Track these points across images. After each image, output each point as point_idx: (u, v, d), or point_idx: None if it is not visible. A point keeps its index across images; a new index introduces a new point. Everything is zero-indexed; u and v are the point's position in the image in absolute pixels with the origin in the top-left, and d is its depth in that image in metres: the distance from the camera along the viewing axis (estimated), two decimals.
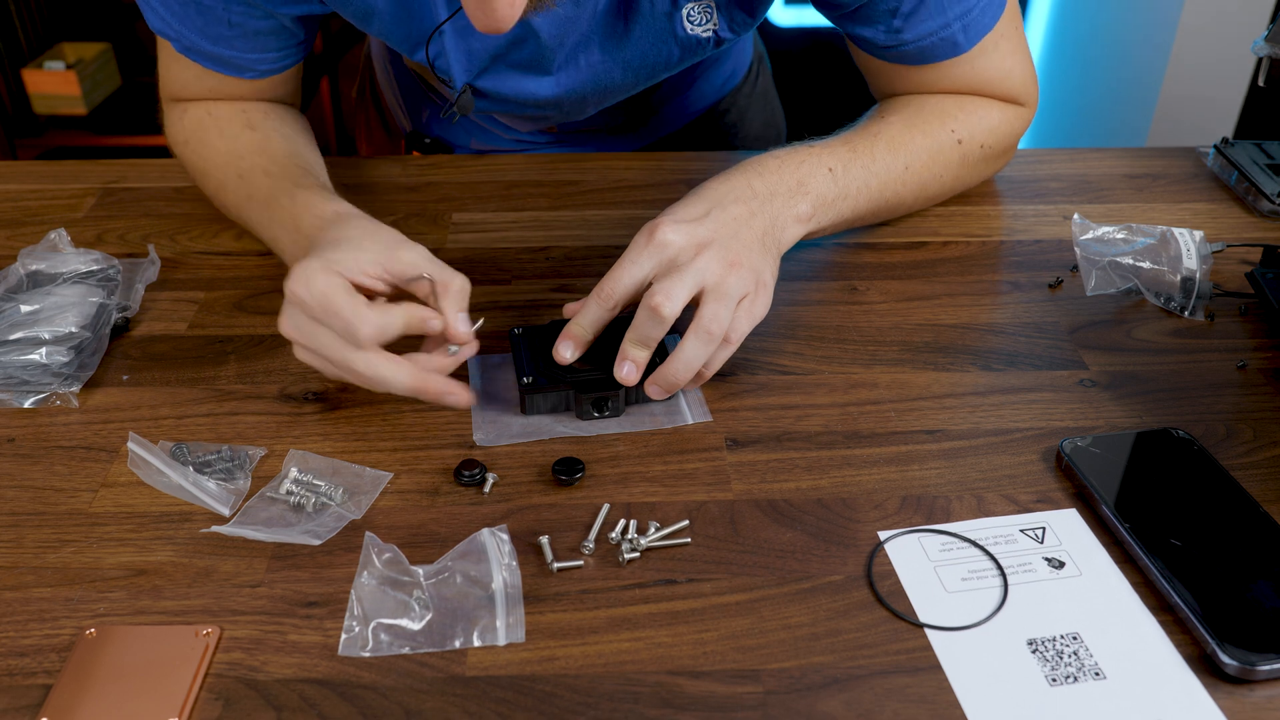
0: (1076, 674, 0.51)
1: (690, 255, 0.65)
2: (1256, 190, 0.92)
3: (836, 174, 0.76)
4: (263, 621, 0.54)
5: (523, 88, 0.84)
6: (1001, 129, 0.86)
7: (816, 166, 0.75)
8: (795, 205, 0.73)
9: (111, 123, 2.41)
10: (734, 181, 0.71)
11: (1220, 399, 0.69)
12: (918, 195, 0.84)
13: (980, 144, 0.85)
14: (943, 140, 0.83)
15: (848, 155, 0.77)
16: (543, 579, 0.56)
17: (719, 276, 0.65)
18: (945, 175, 0.85)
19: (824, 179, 0.75)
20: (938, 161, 0.83)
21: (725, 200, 0.69)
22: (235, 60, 0.81)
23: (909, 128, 0.81)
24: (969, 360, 0.73)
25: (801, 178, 0.74)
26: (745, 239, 0.68)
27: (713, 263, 0.65)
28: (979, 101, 0.85)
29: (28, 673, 0.51)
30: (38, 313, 0.72)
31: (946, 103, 0.84)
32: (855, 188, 0.77)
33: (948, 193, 0.88)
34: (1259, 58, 0.85)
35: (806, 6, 0.89)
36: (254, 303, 0.79)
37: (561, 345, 0.67)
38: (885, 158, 0.79)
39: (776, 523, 0.60)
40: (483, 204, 0.93)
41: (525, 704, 0.50)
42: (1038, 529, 0.59)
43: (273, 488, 0.62)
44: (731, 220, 0.68)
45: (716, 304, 0.65)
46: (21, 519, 0.60)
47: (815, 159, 0.75)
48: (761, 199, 0.71)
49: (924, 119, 0.82)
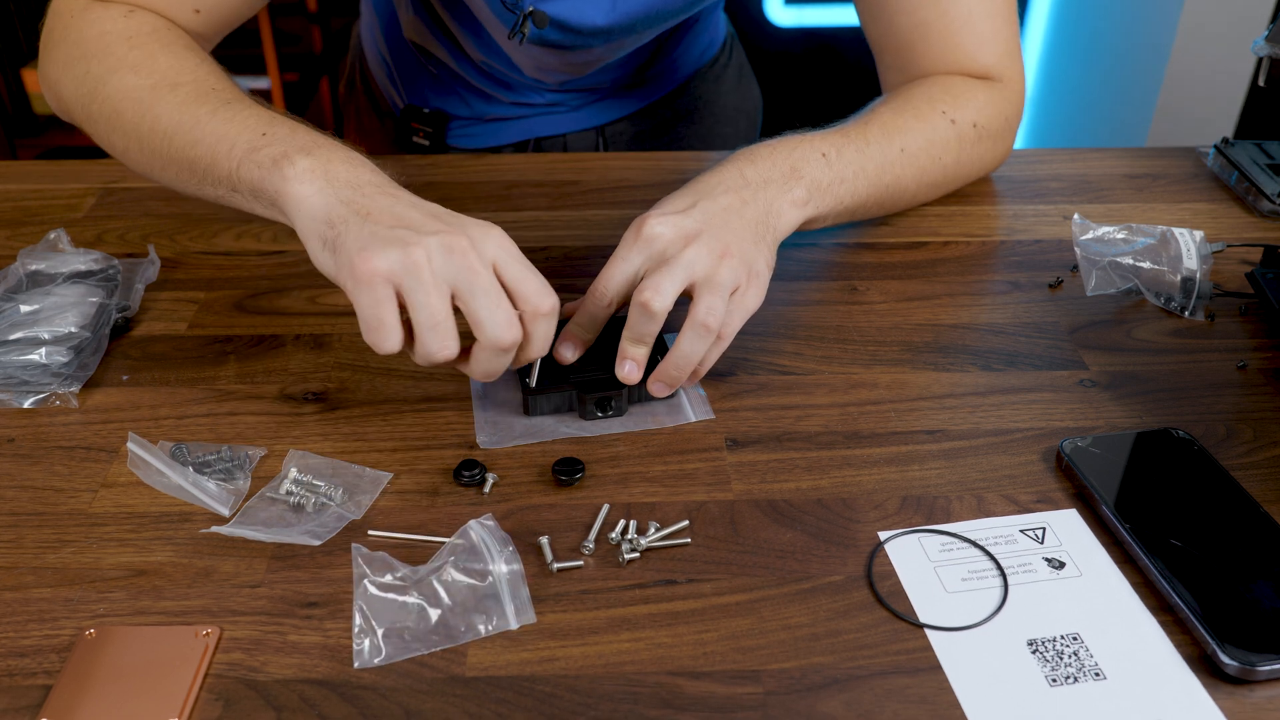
0: (1077, 674, 0.51)
1: (679, 248, 0.65)
2: (1256, 190, 0.92)
3: (830, 158, 0.75)
4: (263, 622, 0.54)
5: (583, 13, 0.86)
6: (990, 108, 0.86)
7: (809, 152, 0.75)
8: (790, 191, 0.72)
9: None
10: (724, 172, 0.71)
11: (1220, 399, 0.69)
12: (919, 180, 0.84)
13: (973, 123, 0.85)
14: (935, 121, 0.83)
15: (840, 140, 0.77)
16: (543, 579, 0.56)
17: (709, 268, 0.64)
18: (945, 157, 0.84)
19: (818, 163, 0.74)
20: (934, 143, 0.83)
21: (714, 191, 0.69)
22: None
23: (899, 113, 0.82)
24: (969, 360, 0.73)
25: (794, 163, 0.73)
26: (736, 228, 0.67)
27: (702, 254, 0.65)
28: (964, 83, 0.86)
29: (28, 673, 0.51)
30: (38, 313, 0.72)
31: (934, 88, 0.85)
32: (851, 171, 0.77)
33: (950, 179, 0.88)
34: (1259, 58, 0.85)
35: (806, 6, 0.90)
36: (254, 303, 0.79)
37: (562, 346, 0.67)
38: (879, 141, 0.79)
39: (776, 523, 0.60)
40: (483, 204, 0.93)
41: (525, 704, 0.50)
42: (1038, 529, 0.59)
43: (273, 488, 0.62)
44: (721, 210, 0.68)
45: (710, 296, 0.64)
46: (21, 519, 0.60)
47: (808, 145, 0.75)
48: (754, 187, 0.70)
49: (913, 104, 0.83)
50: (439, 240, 0.59)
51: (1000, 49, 0.87)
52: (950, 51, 0.86)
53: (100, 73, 0.74)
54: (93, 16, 0.76)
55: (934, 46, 0.86)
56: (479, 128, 1.10)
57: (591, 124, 1.10)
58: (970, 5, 0.84)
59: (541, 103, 1.07)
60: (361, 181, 0.64)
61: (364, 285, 0.58)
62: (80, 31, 0.76)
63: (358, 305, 0.59)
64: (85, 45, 0.76)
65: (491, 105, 1.08)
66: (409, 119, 1.10)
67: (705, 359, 0.66)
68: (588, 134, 1.11)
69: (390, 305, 0.59)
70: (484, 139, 1.11)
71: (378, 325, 0.59)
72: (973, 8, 0.84)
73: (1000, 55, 0.87)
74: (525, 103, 1.07)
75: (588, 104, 1.09)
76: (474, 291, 0.59)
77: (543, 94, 1.06)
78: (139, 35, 0.74)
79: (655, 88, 1.11)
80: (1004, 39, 0.87)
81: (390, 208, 0.62)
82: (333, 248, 0.61)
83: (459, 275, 0.59)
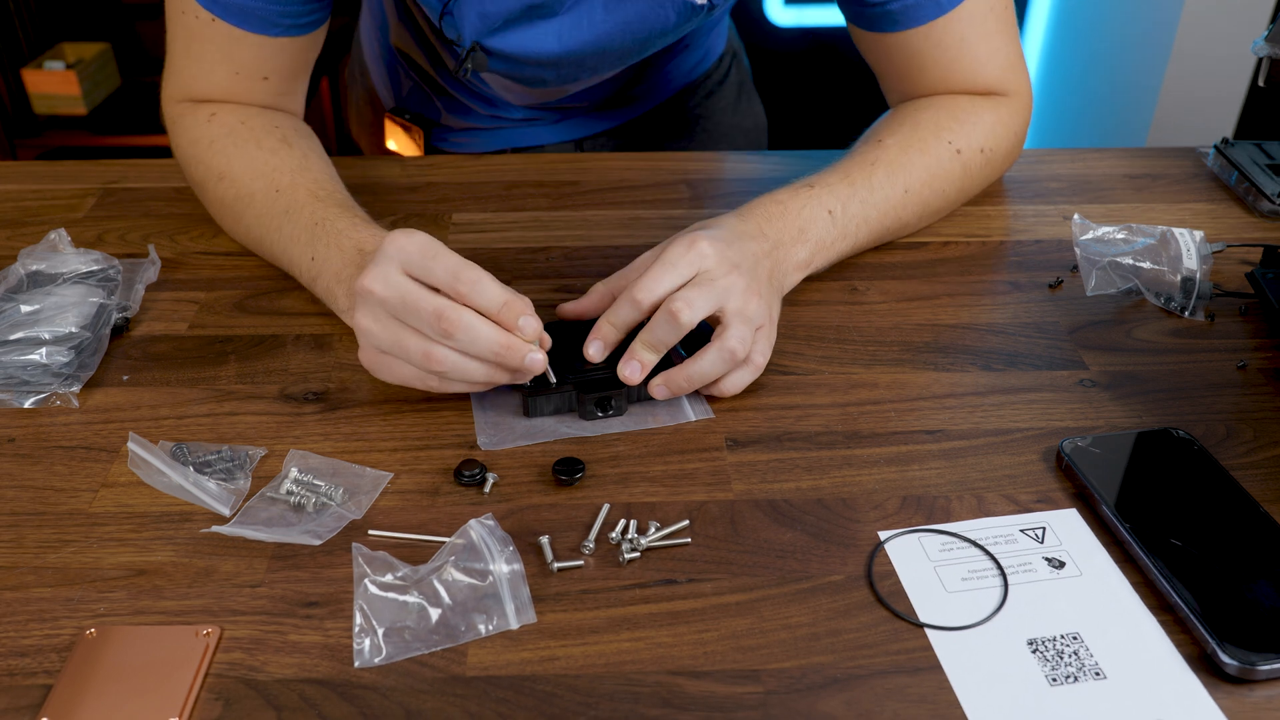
0: (1077, 674, 0.51)
1: (723, 273, 0.67)
2: (1256, 190, 0.92)
3: (836, 215, 0.77)
4: (263, 621, 0.54)
5: (527, 44, 0.86)
6: (998, 130, 0.86)
7: (817, 210, 0.77)
8: (796, 253, 0.75)
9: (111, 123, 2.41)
10: (750, 223, 0.73)
11: (1220, 399, 0.69)
12: (920, 215, 0.84)
13: (979, 149, 0.85)
14: (941, 155, 0.83)
15: (846, 192, 0.78)
16: (543, 579, 0.56)
17: (742, 301, 0.67)
18: (948, 189, 0.85)
19: (824, 223, 0.77)
20: (938, 178, 0.83)
21: (746, 236, 0.71)
22: (259, 11, 0.80)
23: (905, 149, 0.82)
24: (969, 360, 0.73)
25: (802, 225, 0.76)
26: (760, 276, 0.70)
27: (739, 285, 0.67)
28: (970, 106, 0.85)
29: (28, 673, 0.51)
30: (38, 313, 0.73)
31: (940, 115, 0.84)
32: (854, 225, 0.79)
33: (953, 205, 0.88)
34: (1259, 58, 0.85)
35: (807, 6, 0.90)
36: (254, 303, 0.79)
37: (591, 345, 0.68)
38: (884, 186, 0.80)
39: (776, 523, 0.60)
40: (483, 204, 0.93)
41: (525, 704, 0.50)
42: (1038, 529, 0.59)
43: (273, 488, 0.62)
44: (753, 254, 0.70)
45: (741, 326, 0.66)
46: (21, 519, 0.60)
47: (816, 202, 0.77)
48: (771, 243, 0.73)
49: (920, 137, 0.83)
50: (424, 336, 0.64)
51: (1001, 65, 0.86)
52: (950, 74, 0.86)
53: (199, 178, 0.85)
54: (184, 125, 0.86)
55: (932, 73, 0.86)
56: (457, 134, 1.11)
57: (570, 137, 1.11)
58: (963, 31, 0.83)
59: (519, 117, 1.08)
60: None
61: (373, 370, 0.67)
62: (179, 137, 0.87)
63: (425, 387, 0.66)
64: (183, 151, 0.86)
65: (469, 116, 1.08)
66: (394, 117, 1.11)
67: (735, 382, 0.68)
68: (565, 146, 1.11)
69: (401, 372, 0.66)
70: (463, 147, 1.11)
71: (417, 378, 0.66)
72: (965, 33, 0.83)
73: (1003, 71, 0.86)
74: (503, 116, 1.08)
75: (566, 118, 1.09)
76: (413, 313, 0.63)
77: (519, 109, 1.07)
78: (218, 139, 0.84)
79: (640, 103, 1.11)
80: (1003, 55, 0.86)
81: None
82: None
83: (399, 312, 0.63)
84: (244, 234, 0.83)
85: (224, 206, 0.83)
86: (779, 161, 1.00)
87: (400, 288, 0.62)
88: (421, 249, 0.63)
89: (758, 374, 0.69)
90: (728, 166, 1.01)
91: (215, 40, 0.82)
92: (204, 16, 0.81)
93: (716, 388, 0.68)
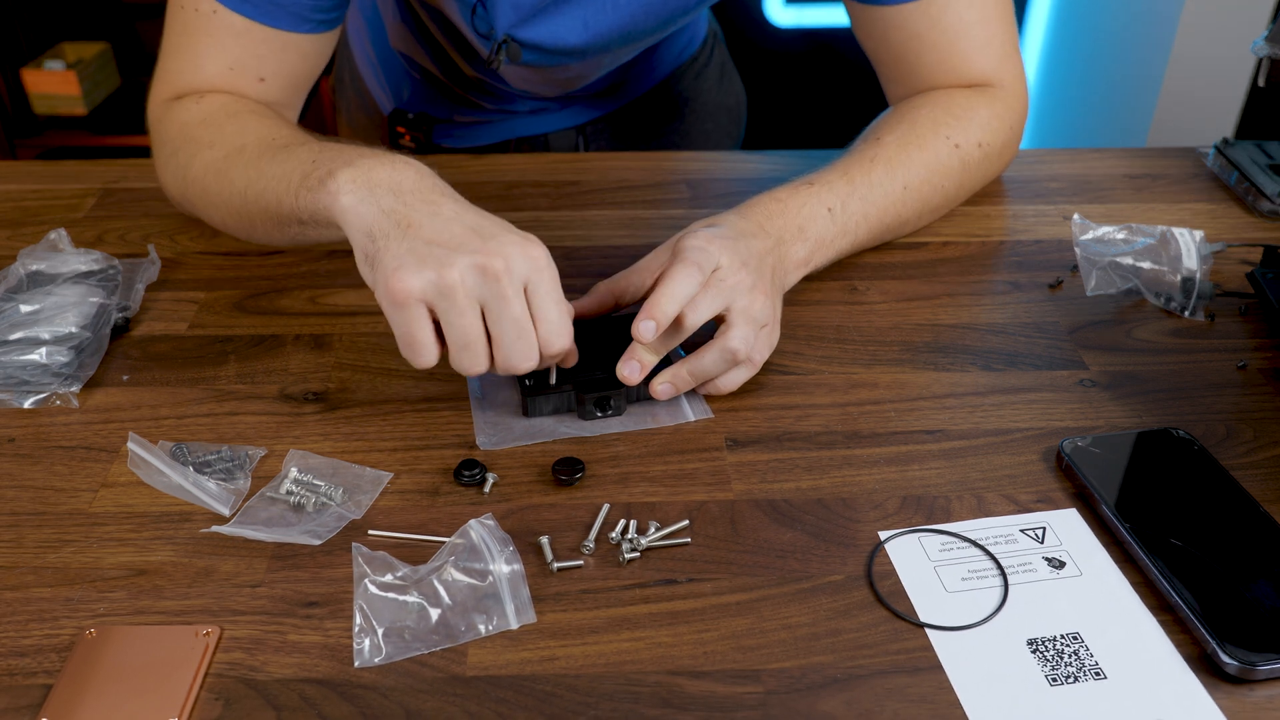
0: (1077, 674, 0.51)
1: (732, 272, 0.66)
2: (1256, 190, 0.92)
3: (835, 213, 0.78)
4: (263, 621, 0.54)
5: (557, 32, 0.87)
6: (993, 124, 0.86)
7: (817, 208, 0.77)
8: (797, 250, 0.75)
9: (111, 123, 2.41)
10: (751, 221, 0.73)
11: (1220, 399, 0.69)
12: (920, 211, 0.85)
13: (977, 144, 0.85)
14: (939, 150, 0.83)
15: (846, 189, 0.78)
16: (543, 579, 0.56)
17: (748, 300, 0.67)
18: (947, 185, 0.85)
19: (823, 220, 0.77)
20: (937, 174, 0.83)
21: (749, 233, 0.71)
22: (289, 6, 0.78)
23: (904, 146, 0.82)
24: (969, 360, 0.73)
25: (802, 222, 0.76)
26: (764, 273, 0.70)
27: (745, 284, 0.67)
28: (966, 100, 0.86)
29: (28, 673, 0.51)
30: (38, 313, 0.73)
31: (937, 111, 0.85)
32: (854, 222, 0.79)
33: (953, 202, 0.88)
34: (1259, 58, 0.85)
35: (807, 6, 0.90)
36: (254, 303, 0.79)
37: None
38: (884, 183, 0.80)
39: (776, 523, 0.60)
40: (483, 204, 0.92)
41: (525, 704, 0.50)
42: (1038, 529, 0.59)
43: (273, 488, 0.62)
44: (757, 252, 0.70)
45: (745, 326, 0.66)
46: (21, 519, 0.60)
47: (815, 200, 0.77)
48: (773, 240, 0.73)
49: (918, 134, 0.83)
50: (473, 262, 0.59)
51: (997, 53, 0.87)
52: (947, 61, 0.86)
53: (185, 159, 0.79)
54: (172, 114, 0.81)
55: (929, 57, 0.86)
56: (463, 129, 1.11)
57: (572, 123, 1.12)
58: (962, 13, 0.84)
59: (525, 109, 1.09)
60: (404, 187, 0.64)
61: (398, 306, 0.59)
62: (165, 131, 0.82)
63: (393, 324, 0.60)
64: (171, 141, 0.81)
65: (476, 110, 1.09)
66: (396, 123, 1.11)
67: (732, 380, 0.68)
68: (568, 133, 1.12)
69: (424, 324, 0.60)
70: (467, 140, 1.12)
71: (412, 343, 0.61)
72: (965, 15, 0.84)
73: (999, 60, 0.87)
74: (510, 109, 1.09)
75: (569, 105, 1.10)
76: (501, 319, 0.60)
77: (527, 101, 1.08)
78: (210, 115, 0.79)
79: (635, 86, 1.12)
80: (1000, 43, 0.86)
81: (430, 220, 0.61)
82: (371, 263, 0.62)
83: (490, 299, 0.60)
84: (229, 194, 0.75)
85: (206, 172, 0.77)
86: (779, 161, 1.00)
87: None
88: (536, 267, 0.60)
89: (755, 372, 0.69)
90: (728, 166, 1.01)
91: (214, 34, 0.79)
92: (205, 9, 0.78)
93: (713, 385, 0.68)
